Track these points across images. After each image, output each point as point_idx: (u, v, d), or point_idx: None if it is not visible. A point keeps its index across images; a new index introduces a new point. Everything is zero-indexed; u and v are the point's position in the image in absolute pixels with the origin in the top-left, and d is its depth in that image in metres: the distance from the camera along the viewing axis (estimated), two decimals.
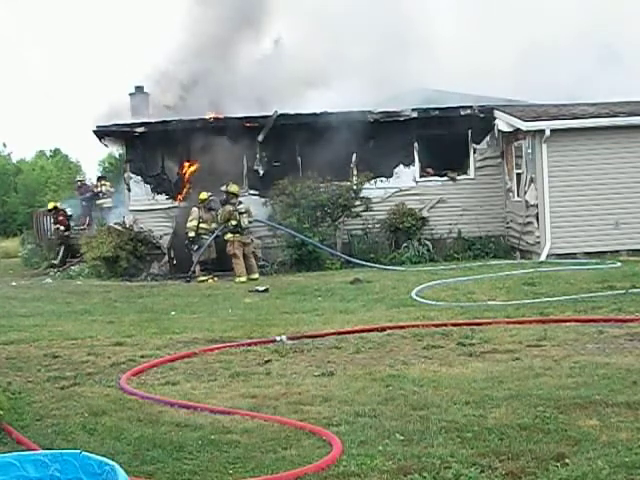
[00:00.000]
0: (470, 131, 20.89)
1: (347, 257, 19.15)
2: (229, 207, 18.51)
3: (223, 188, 18.78)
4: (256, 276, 18.16)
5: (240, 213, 18.42)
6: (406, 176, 20.90)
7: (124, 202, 21.56)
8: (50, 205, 27.13)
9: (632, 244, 18.59)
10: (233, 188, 18.69)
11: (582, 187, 18.66)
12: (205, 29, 23.65)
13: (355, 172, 20.70)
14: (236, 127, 20.07)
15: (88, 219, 26.12)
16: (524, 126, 18.71)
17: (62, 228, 25.17)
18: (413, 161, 20.99)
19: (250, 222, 18.69)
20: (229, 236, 18.41)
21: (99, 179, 29.63)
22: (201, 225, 18.77)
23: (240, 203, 18.75)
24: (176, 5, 42.11)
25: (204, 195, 18.97)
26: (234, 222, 18.33)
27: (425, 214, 20.62)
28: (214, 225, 18.80)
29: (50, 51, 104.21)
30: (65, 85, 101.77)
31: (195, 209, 18.89)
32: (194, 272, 18.55)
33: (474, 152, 21.03)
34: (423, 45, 23.07)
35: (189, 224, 18.79)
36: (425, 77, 22.74)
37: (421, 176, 21.05)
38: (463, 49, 24.05)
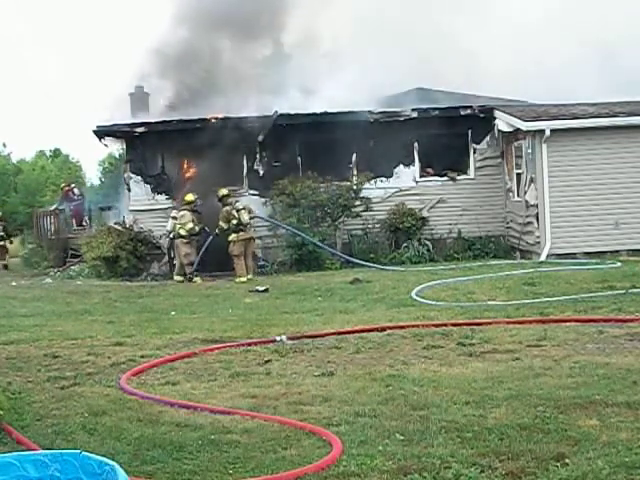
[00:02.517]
0: (470, 131, 20.89)
1: (347, 257, 19.14)
2: (227, 208, 18.61)
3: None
4: (250, 276, 18.23)
5: (237, 210, 18.54)
6: (406, 176, 20.90)
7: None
8: None
9: (632, 244, 18.58)
10: (221, 192, 18.83)
11: (582, 187, 18.66)
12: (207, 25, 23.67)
13: (355, 172, 20.71)
14: (236, 127, 20.06)
15: (76, 220, 26.91)
16: (524, 126, 18.71)
17: None
18: (413, 161, 20.99)
19: (251, 218, 18.79)
20: (233, 236, 18.46)
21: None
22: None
23: (236, 202, 18.83)
24: (177, 4, 42.03)
25: (192, 197, 19.02)
26: (234, 221, 18.37)
27: (425, 214, 20.62)
28: (191, 226, 18.77)
29: (50, 51, 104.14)
30: (65, 85, 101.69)
31: (187, 212, 18.87)
32: (193, 271, 18.58)
33: (474, 152, 21.04)
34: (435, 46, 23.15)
35: (188, 226, 18.78)
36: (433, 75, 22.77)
37: (421, 176, 21.05)
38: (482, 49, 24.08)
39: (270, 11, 24.11)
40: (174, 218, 19.05)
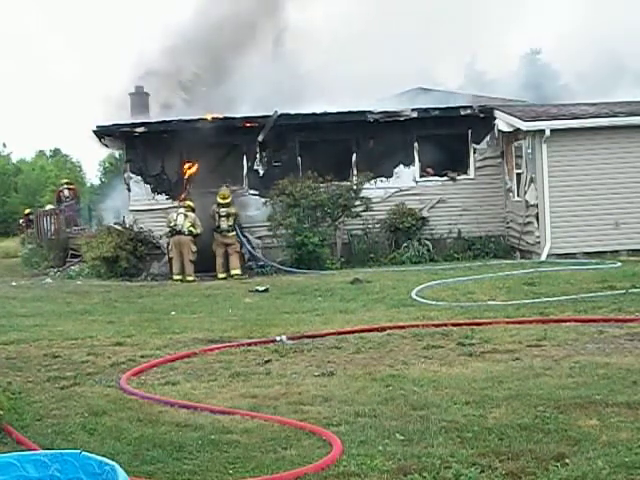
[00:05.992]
0: (470, 131, 20.88)
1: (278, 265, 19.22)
2: (214, 207, 19.13)
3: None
4: (237, 272, 18.75)
5: (220, 216, 19.04)
6: (406, 176, 20.90)
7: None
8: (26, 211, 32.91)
9: (632, 244, 18.58)
10: (220, 194, 19.21)
11: (582, 187, 18.66)
12: (209, 25, 23.69)
13: (355, 172, 20.71)
14: (236, 127, 20.09)
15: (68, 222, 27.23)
16: (524, 126, 18.71)
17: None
18: (413, 161, 20.99)
19: (230, 225, 19.11)
20: (214, 236, 19.11)
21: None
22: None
23: (229, 206, 19.13)
24: (177, 3, 42.29)
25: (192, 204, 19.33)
26: (217, 223, 19.11)
27: (425, 214, 20.62)
28: (201, 229, 19.25)
29: (50, 51, 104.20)
30: (65, 85, 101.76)
31: (194, 214, 19.12)
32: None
33: (474, 152, 21.03)
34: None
35: (199, 229, 19.06)
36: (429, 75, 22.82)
37: (421, 176, 21.05)
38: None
39: (269, 9, 24.16)
40: (185, 215, 19.10)
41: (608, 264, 16.31)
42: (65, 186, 30.16)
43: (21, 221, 34.78)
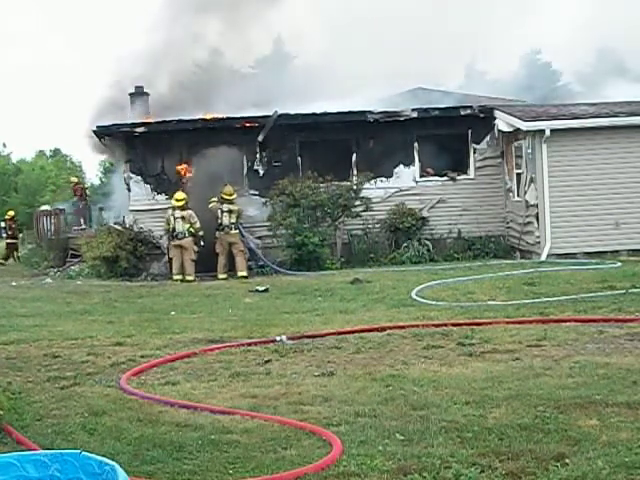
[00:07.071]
0: (470, 131, 20.89)
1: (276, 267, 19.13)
2: (217, 204, 19.09)
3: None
4: (244, 274, 18.62)
5: (222, 212, 18.98)
6: (406, 176, 20.90)
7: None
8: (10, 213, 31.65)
9: (632, 244, 18.58)
10: (224, 190, 19.15)
11: (582, 187, 18.66)
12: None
13: (355, 172, 20.71)
14: (236, 127, 20.09)
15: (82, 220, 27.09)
16: (524, 126, 18.71)
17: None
18: (413, 161, 20.99)
19: (233, 222, 19.03)
20: (217, 234, 19.08)
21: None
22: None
23: (232, 202, 19.06)
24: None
25: (184, 195, 19.20)
26: (219, 220, 19.00)
27: (425, 214, 20.62)
28: (199, 225, 19.17)
29: (50, 50, 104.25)
30: (65, 85, 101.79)
31: (191, 211, 19.07)
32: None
33: (474, 152, 21.03)
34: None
35: (197, 225, 18.97)
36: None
37: (421, 176, 21.05)
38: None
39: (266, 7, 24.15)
40: (183, 218, 19.06)
41: (608, 264, 16.31)
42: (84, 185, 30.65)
43: (2, 225, 32.79)
